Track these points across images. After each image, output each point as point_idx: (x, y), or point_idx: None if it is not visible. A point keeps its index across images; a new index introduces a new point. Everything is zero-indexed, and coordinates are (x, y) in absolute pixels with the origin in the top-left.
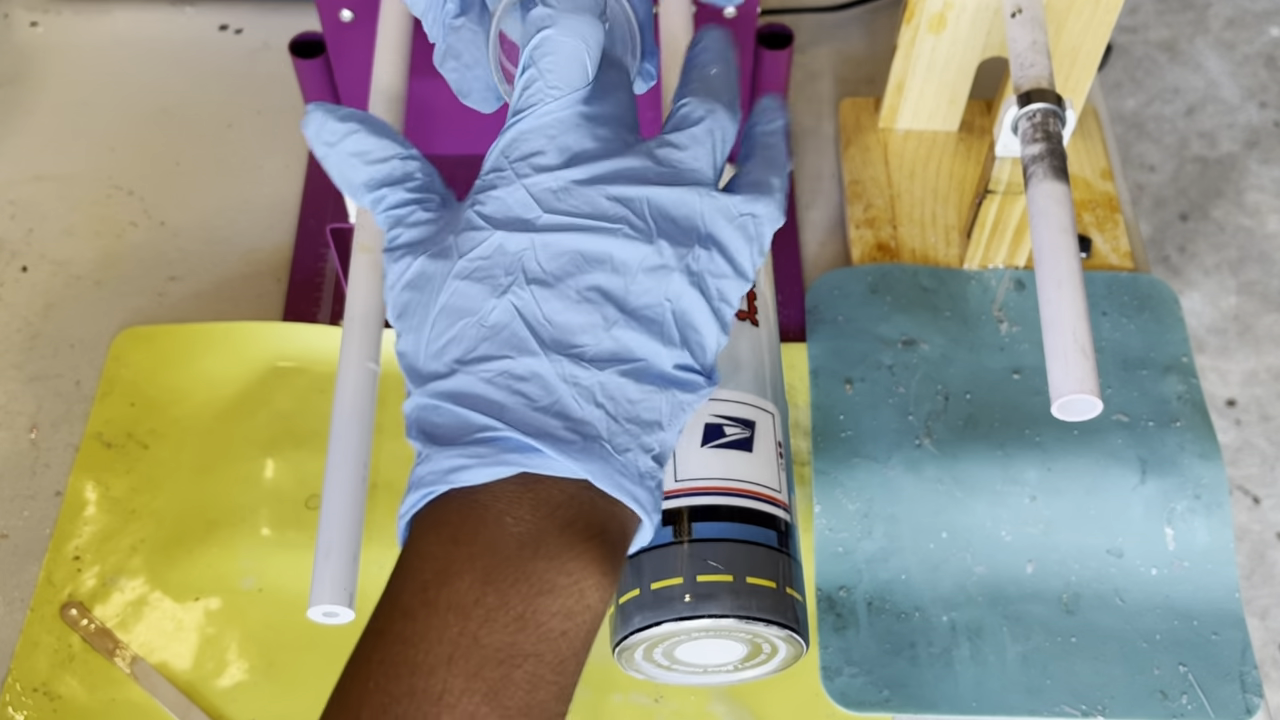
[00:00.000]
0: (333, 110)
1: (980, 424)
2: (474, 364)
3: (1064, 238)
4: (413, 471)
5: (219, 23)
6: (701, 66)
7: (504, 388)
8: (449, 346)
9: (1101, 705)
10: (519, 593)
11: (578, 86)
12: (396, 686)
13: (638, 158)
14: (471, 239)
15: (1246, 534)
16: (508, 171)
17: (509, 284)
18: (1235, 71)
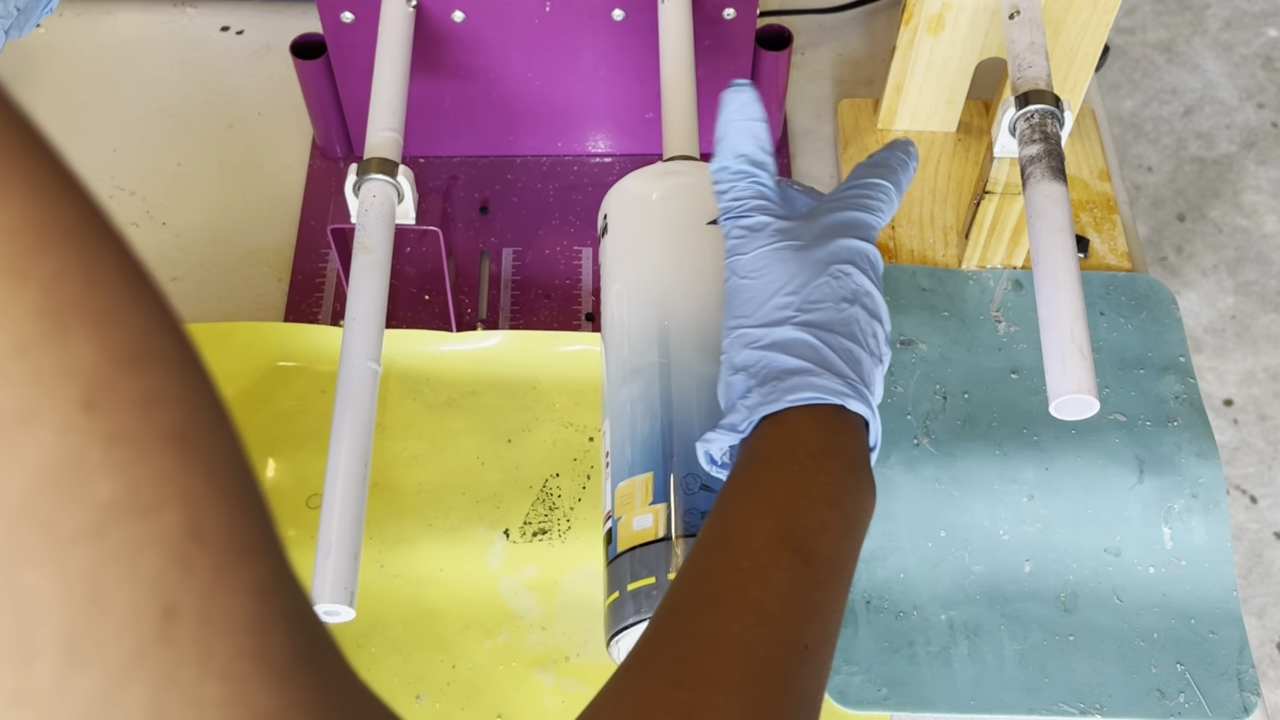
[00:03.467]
0: (758, 96)
1: (978, 423)
2: (807, 325)
3: (1062, 238)
4: (765, 387)
5: (220, 24)
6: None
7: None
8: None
9: (1099, 704)
10: (857, 479)
11: None
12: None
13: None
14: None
15: (1244, 533)
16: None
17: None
18: (1233, 72)
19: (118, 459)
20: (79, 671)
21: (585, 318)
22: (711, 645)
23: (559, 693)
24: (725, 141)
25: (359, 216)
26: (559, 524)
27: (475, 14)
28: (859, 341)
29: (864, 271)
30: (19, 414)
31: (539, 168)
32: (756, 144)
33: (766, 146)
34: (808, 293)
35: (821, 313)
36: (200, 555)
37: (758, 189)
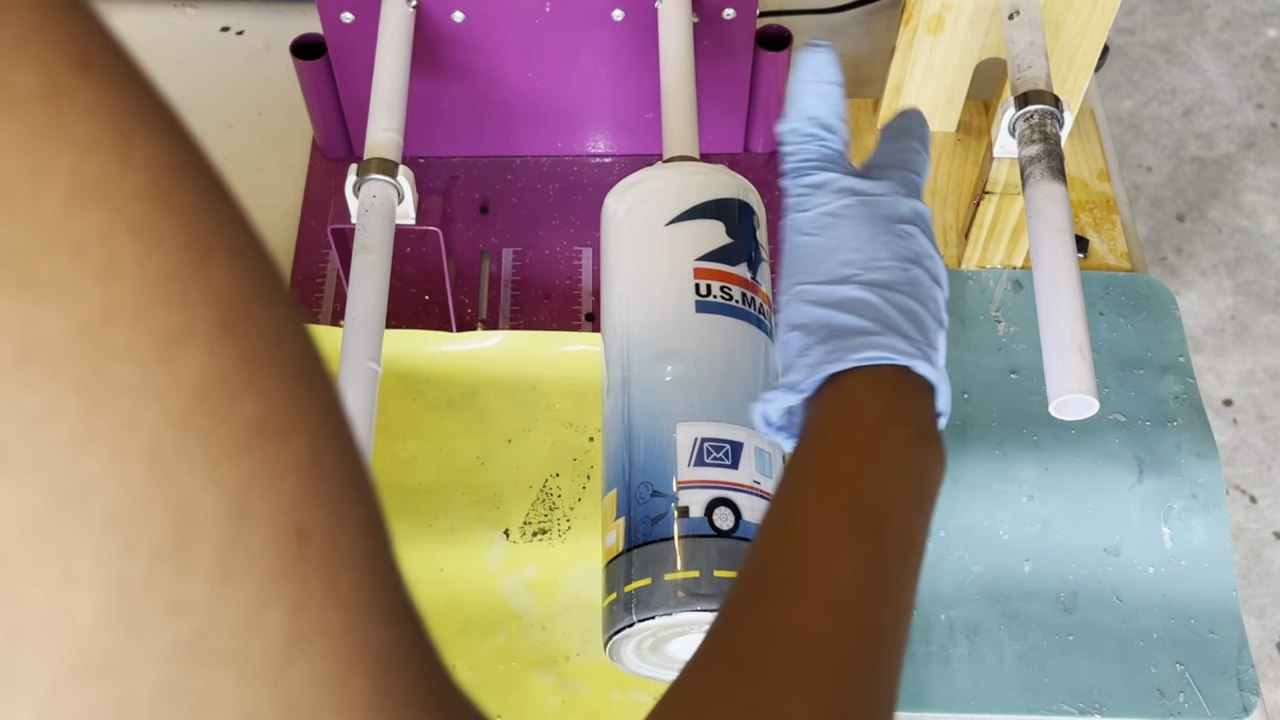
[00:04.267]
0: (835, 59)
1: (978, 423)
2: (871, 285)
3: (1061, 238)
4: (818, 351)
5: (220, 24)
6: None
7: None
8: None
9: (1099, 703)
10: (925, 447)
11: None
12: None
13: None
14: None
15: (1243, 533)
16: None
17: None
18: (1232, 73)
19: (258, 383)
20: (231, 584)
21: (585, 318)
22: (779, 637)
23: (559, 692)
24: (797, 103)
25: (359, 217)
26: (559, 524)
27: (475, 14)
28: (923, 303)
29: (925, 233)
30: (177, 333)
31: (539, 168)
32: (829, 108)
33: (840, 112)
34: (872, 251)
35: (885, 272)
36: (323, 486)
37: (824, 151)
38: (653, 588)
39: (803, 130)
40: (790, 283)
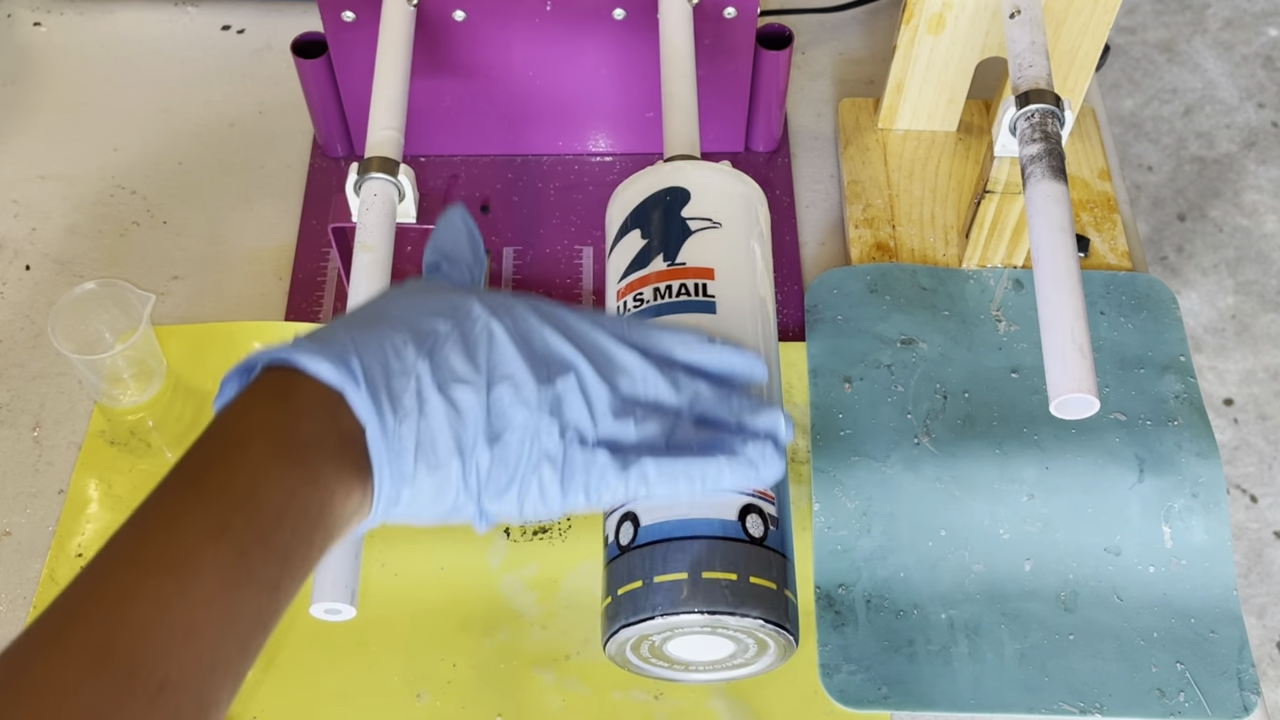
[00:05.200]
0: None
1: (979, 423)
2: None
3: (1062, 237)
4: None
5: (221, 23)
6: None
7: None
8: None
9: (1099, 703)
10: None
11: None
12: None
13: None
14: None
15: (1244, 532)
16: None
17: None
18: (1233, 72)
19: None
20: None
21: None
22: (35, 688)
23: (559, 691)
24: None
25: (360, 215)
26: (559, 523)
27: (476, 13)
28: (390, 331)
29: (456, 317)
30: None
31: (540, 167)
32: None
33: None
34: (404, 313)
35: (378, 324)
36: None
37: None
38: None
39: (428, 261)
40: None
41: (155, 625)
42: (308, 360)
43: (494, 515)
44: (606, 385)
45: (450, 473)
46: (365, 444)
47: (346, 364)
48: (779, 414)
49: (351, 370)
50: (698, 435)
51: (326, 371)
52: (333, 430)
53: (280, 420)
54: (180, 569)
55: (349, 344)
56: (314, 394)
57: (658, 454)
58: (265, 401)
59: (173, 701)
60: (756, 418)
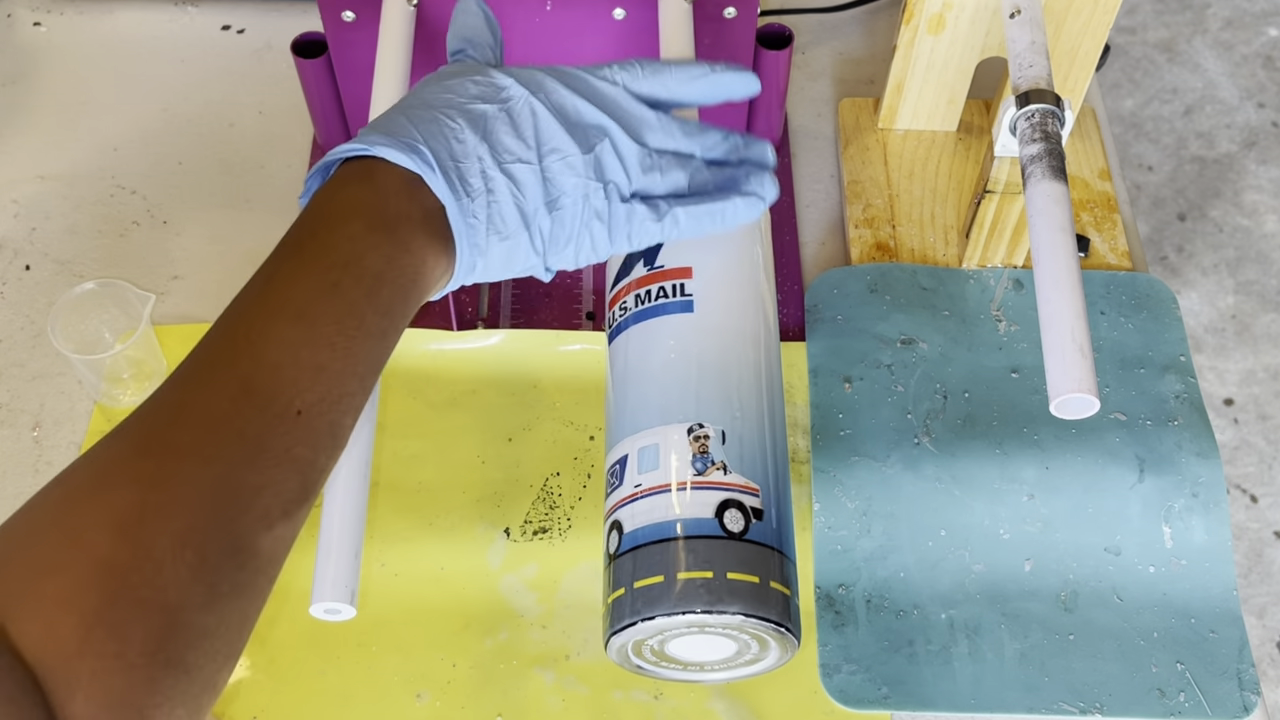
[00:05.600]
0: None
1: (979, 422)
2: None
3: (1062, 237)
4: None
5: (221, 23)
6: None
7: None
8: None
9: (1099, 703)
10: (385, 236)
11: None
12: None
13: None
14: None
15: (1244, 532)
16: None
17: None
18: (1233, 72)
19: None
20: None
21: (586, 317)
22: (187, 415)
23: (559, 691)
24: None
25: None
26: (559, 523)
27: None
28: (445, 115)
29: (486, 90)
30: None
31: None
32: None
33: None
34: (439, 94)
35: (429, 109)
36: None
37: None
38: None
39: (452, 48)
40: None
41: (287, 363)
42: (386, 150)
43: (555, 266)
44: (636, 143)
45: (520, 241)
46: (445, 220)
47: (419, 152)
48: (765, 144)
49: (425, 157)
50: (712, 176)
51: (405, 160)
52: (417, 207)
53: (371, 199)
54: (303, 317)
55: (416, 133)
56: (396, 177)
57: (683, 200)
58: (354, 185)
59: (308, 425)
60: (749, 150)
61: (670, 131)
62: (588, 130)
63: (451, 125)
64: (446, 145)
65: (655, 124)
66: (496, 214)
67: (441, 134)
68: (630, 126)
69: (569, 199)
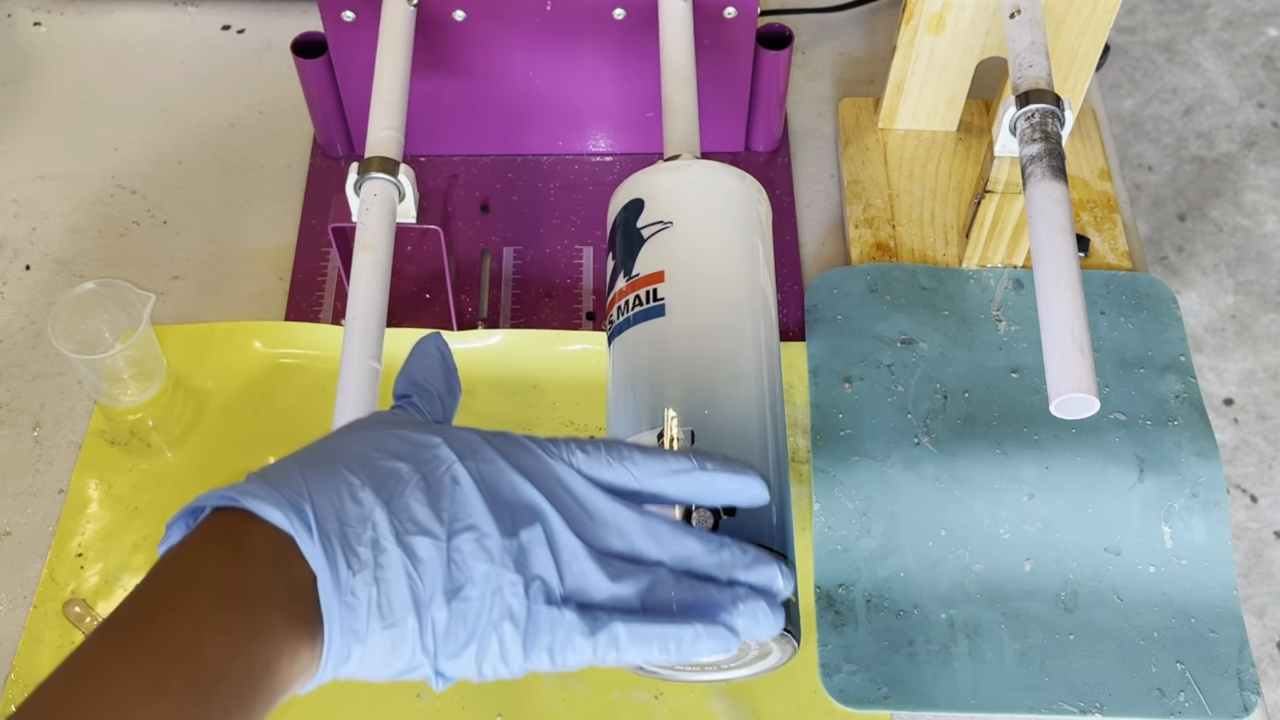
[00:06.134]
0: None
1: (979, 422)
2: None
3: (1062, 237)
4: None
5: (221, 23)
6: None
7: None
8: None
9: (1099, 702)
10: (236, 617)
11: None
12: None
13: None
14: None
15: (1244, 532)
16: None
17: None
18: (1233, 72)
19: None
20: None
21: (586, 316)
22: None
23: (559, 692)
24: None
25: (360, 215)
26: None
27: (476, 13)
28: (346, 472)
29: (417, 458)
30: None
31: (540, 166)
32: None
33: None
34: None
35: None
36: None
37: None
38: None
39: (397, 391)
40: None
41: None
42: (257, 504)
43: (451, 675)
44: (577, 538)
45: (405, 630)
46: (316, 597)
47: (299, 509)
48: (774, 568)
49: (304, 516)
50: (679, 592)
51: (276, 517)
52: (283, 579)
53: (227, 567)
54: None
55: (302, 486)
56: (264, 539)
57: (631, 614)
58: (212, 546)
59: None
60: (750, 573)
61: (628, 533)
62: (518, 512)
63: (350, 480)
64: (336, 504)
65: (609, 519)
66: (382, 593)
67: (335, 489)
68: (575, 518)
69: (476, 590)
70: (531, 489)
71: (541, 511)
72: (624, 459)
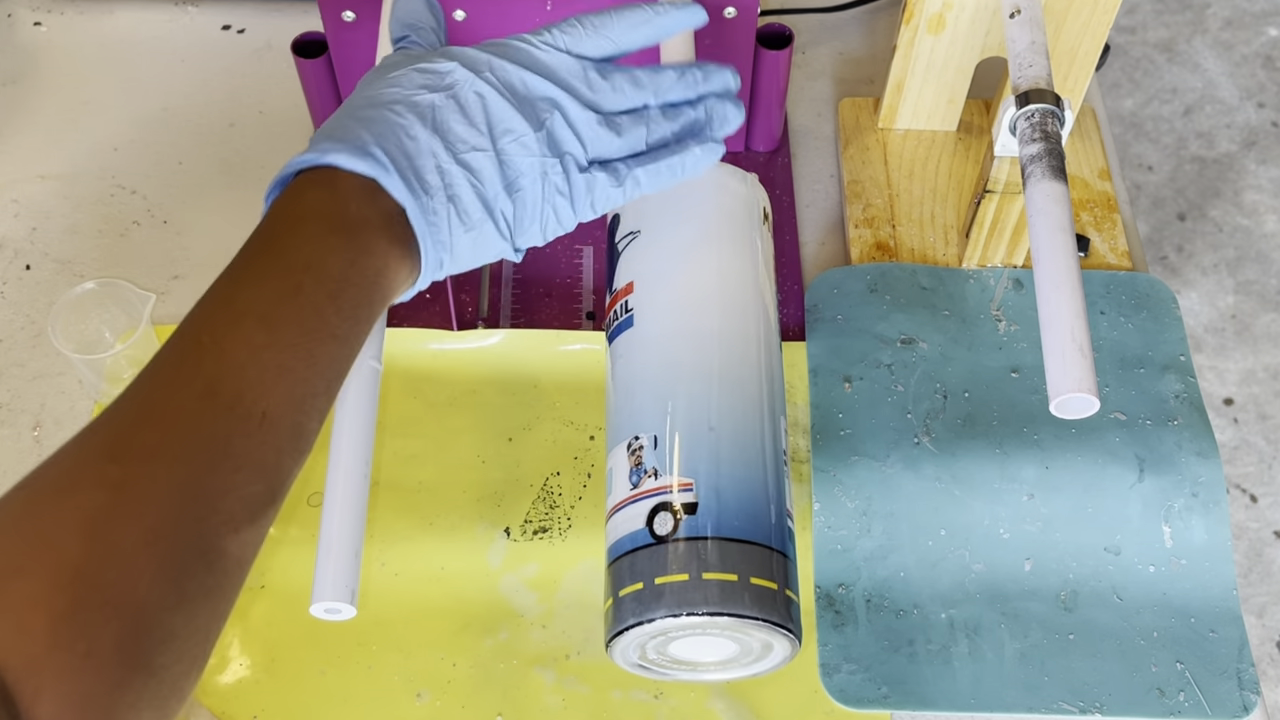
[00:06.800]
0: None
1: (978, 422)
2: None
3: (1062, 237)
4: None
5: (221, 22)
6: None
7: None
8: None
9: (1099, 702)
10: (345, 239)
11: None
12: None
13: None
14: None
15: (1244, 532)
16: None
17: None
18: (1233, 72)
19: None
20: None
21: (586, 316)
22: (152, 418)
23: (559, 691)
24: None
25: None
26: (559, 522)
27: (476, 13)
28: (394, 114)
29: (432, 77)
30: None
31: None
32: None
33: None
34: (387, 90)
35: (376, 108)
36: None
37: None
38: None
39: (394, 35)
40: None
41: (251, 366)
42: (339, 158)
43: (524, 245)
44: (587, 109)
45: (485, 230)
46: (407, 220)
47: (373, 155)
48: (725, 70)
49: (379, 160)
50: (671, 123)
51: (359, 165)
52: (376, 210)
53: (330, 204)
54: (266, 321)
55: (368, 136)
56: (353, 182)
57: (642, 159)
58: (313, 190)
59: (272, 428)
60: (709, 83)
61: (620, 88)
62: (537, 105)
63: (401, 121)
64: (399, 144)
65: (604, 84)
66: (459, 207)
67: (392, 132)
68: (579, 93)
69: (528, 179)
70: (541, 81)
71: (555, 99)
72: (600, 28)
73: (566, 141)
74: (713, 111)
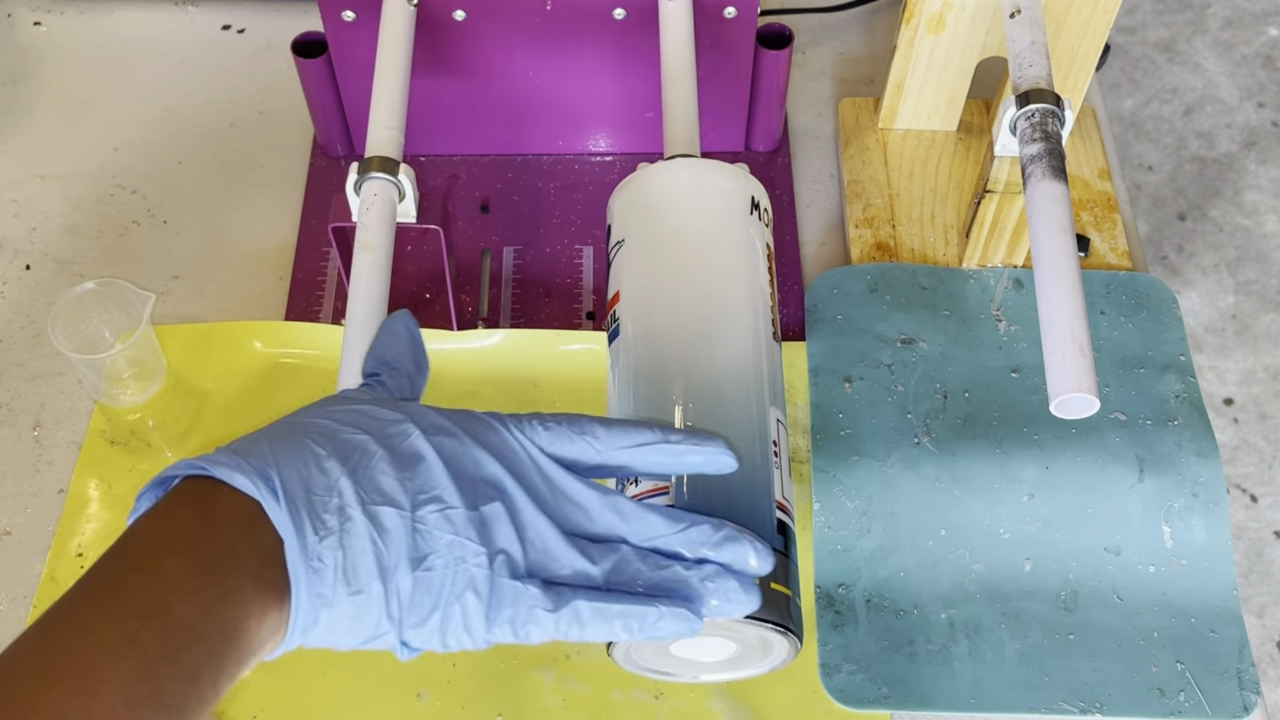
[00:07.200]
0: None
1: (979, 422)
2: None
3: (1062, 237)
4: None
5: (222, 22)
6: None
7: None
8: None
9: (1099, 702)
10: (204, 580)
11: None
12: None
13: None
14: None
15: (1244, 532)
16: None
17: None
18: (1233, 72)
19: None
20: None
21: (586, 316)
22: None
23: (559, 691)
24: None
25: (360, 215)
26: None
27: (476, 12)
28: (311, 444)
29: (381, 434)
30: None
31: (540, 166)
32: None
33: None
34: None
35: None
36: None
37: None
38: None
39: (366, 369)
40: None
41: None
42: (225, 472)
43: (416, 645)
44: (542, 513)
45: (371, 596)
46: (284, 561)
47: (266, 477)
48: (745, 545)
49: (271, 483)
50: (647, 570)
51: (244, 484)
52: (251, 545)
53: (197, 531)
54: (84, 682)
55: (269, 456)
56: (233, 507)
57: (595, 591)
58: (182, 512)
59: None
60: (719, 551)
61: (591, 509)
62: (480, 486)
63: (317, 451)
64: (302, 472)
65: (572, 496)
66: (348, 558)
67: (301, 459)
68: (537, 493)
69: (440, 560)
70: (495, 464)
71: (504, 487)
72: (585, 433)
73: (503, 537)
74: (711, 585)
